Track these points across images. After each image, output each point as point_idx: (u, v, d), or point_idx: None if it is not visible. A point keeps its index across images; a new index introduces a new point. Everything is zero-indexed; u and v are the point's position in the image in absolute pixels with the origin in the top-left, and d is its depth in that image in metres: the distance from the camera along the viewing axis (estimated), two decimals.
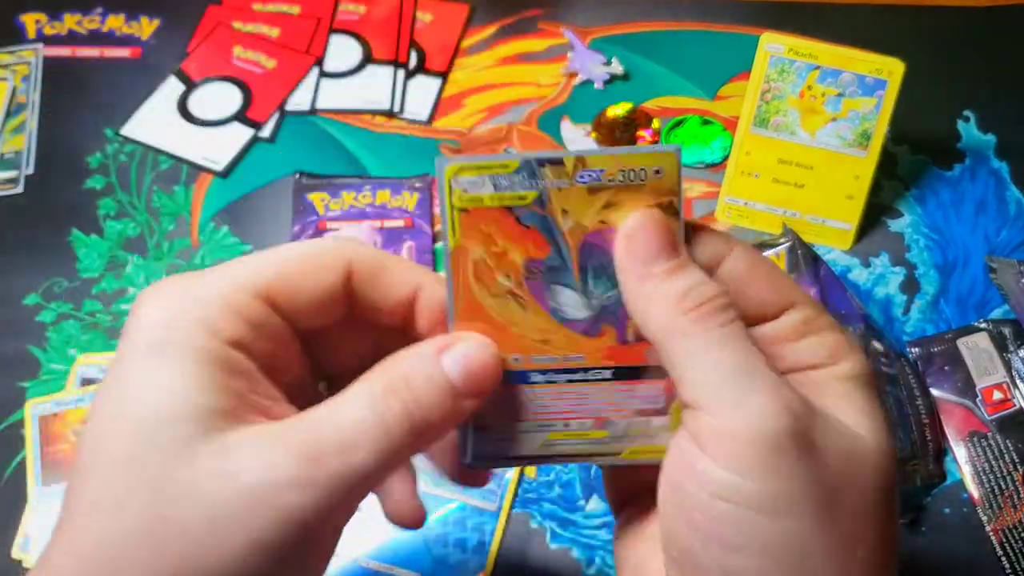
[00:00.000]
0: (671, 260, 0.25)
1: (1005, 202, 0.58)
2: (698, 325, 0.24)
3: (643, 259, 0.25)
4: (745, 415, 0.23)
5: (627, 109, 0.62)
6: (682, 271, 0.25)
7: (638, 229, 0.25)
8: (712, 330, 0.24)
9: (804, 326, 0.26)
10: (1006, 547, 0.46)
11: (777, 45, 0.53)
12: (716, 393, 0.23)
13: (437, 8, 0.67)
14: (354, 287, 0.28)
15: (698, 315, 0.24)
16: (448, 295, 0.27)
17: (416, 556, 0.44)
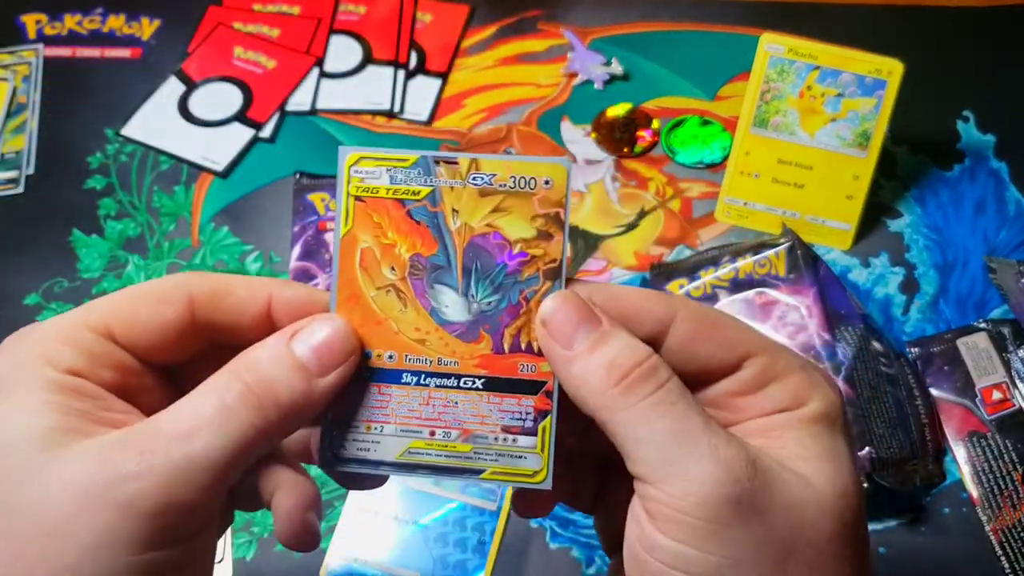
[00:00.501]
0: (592, 334, 0.25)
1: (1004, 202, 0.58)
2: (628, 397, 0.24)
3: (563, 341, 0.25)
4: (685, 484, 0.23)
5: (627, 109, 0.62)
6: (604, 343, 0.25)
7: (552, 313, 0.25)
8: (642, 400, 0.24)
9: (763, 375, 0.26)
10: (1005, 547, 0.46)
11: (777, 45, 0.53)
12: (656, 465, 0.23)
13: (437, 8, 0.68)
14: (201, 316, 0.28)
15: (626, 386, 0.24)
16: (332, 282, 0.27)
17: (416, 556, 0.44)
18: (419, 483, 0.45)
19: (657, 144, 0.61)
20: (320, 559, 0.45)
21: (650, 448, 0.24)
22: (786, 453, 0.25)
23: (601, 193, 0.58)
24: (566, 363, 0.25)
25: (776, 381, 0.26)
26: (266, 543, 0.46)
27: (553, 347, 0.26)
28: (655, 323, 0.26)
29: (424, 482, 0.45)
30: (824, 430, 0.26)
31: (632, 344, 0.25)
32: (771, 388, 0.26)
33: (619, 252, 0.56)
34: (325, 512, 0.47)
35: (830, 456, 0.25)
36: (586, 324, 0.25)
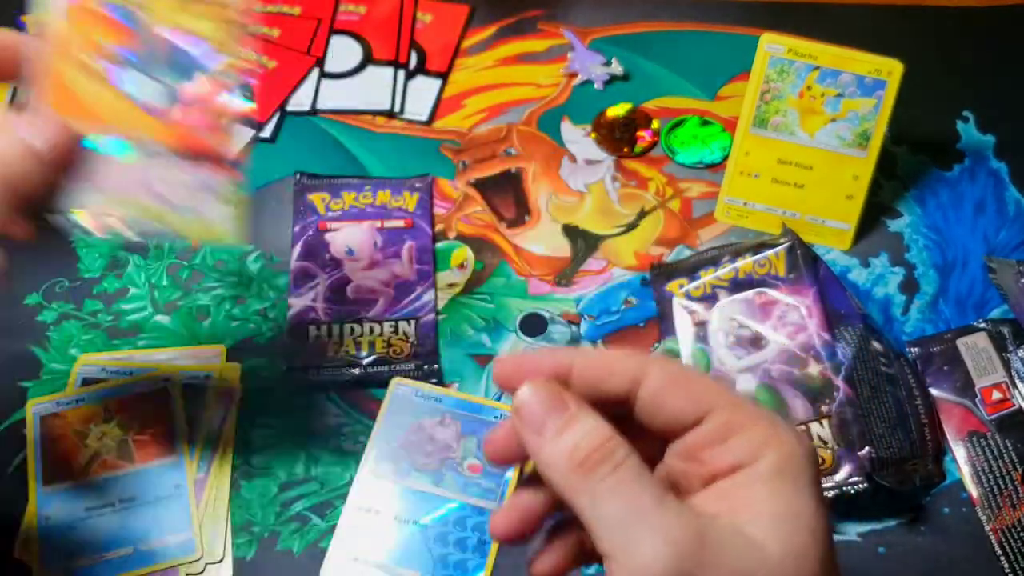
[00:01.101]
0: (559, 420, 0.27)
1: (1004, 202, 0.58)
2: (588, 480, 0.26)
3: (534, 429, 0.27)
4: (638, 562, 0.25)
5: (627, 109, 0.62)
6: (569, 428, 0.27)
7: (525, 402, 0.28)
8: (600, 482, 0.26)
9: (725, 427, 0.27)
10: (1005, 546, 0.46)
11: (776, 45, 0.53)
12: (613, 543, 0.25)
13: (437, 9, 0.68)
14: None
15: (587, 469, 0.26)
16: (42, 70, 0.34)
17: (417, 556, 0.44)
18: (420, 483, 0.45)
19: (657, 144, 0.61)
20: (320, 559, 0.45)
21: (607, 527, 0.26)
22: (742, 515, 0.26)
23: (601, 193, 0.59)
24: (537, 449, 0.27)
25: (736, 434, 0.27)
26: (266, 543, 0.46)
27: (526, 434, 0.28)
28: (627, 381, 0.28)
29: (425, 482, 0.45)
30: (783, 486, 0.27)
31: (593, 428, 0.27)
32: (732, 441, 0.27)
33: (619, 252, 0.56)
34: (326, 512, 0.47)
35: (786, 514, 0.26)
36: (554, 411, 0.27)
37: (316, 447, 0.49)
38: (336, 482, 0.47)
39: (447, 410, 0.47)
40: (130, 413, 0.48)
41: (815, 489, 0.27)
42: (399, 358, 0.50)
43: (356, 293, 0.53)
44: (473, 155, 0.60)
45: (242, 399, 0.50)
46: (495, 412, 0.47)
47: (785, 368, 0.48)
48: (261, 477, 0.48)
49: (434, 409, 0.47)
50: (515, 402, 0.28)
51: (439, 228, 0.57)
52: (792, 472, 0.27)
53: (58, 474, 0.46)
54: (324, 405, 0.50)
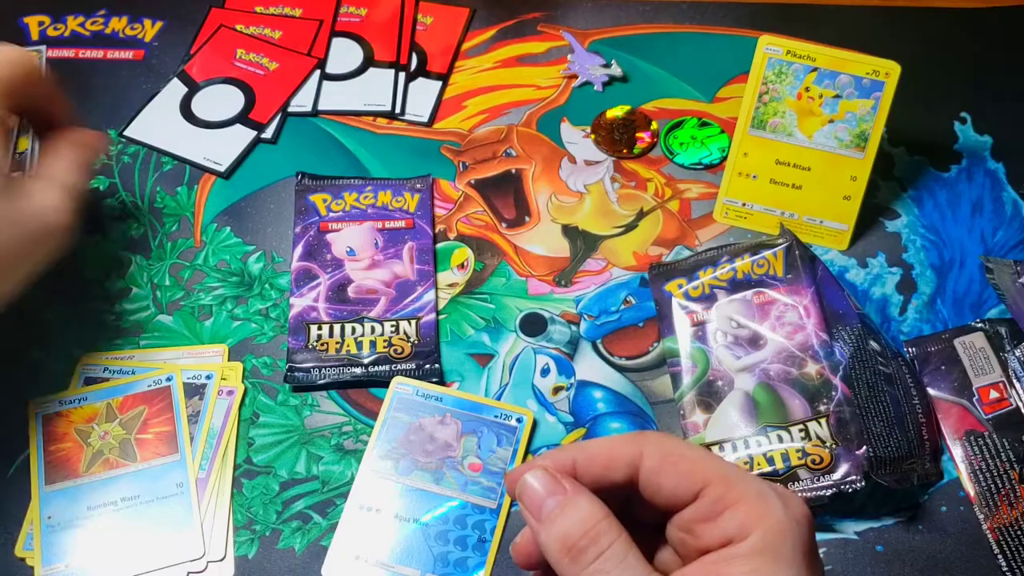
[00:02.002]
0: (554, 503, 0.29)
1: (1001, 203, 0.58)
2: (576, 565, 0.28)
3: (534, 514, 0.30)
4: None
5: (626, 111, 0.62)
6: (561, 514, 0.29)
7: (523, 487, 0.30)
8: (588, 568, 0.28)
9: (718, 503, 0.29)
10: (1002, 544, 0.46)
11: (775, 47, 0.53)
12: None
13: (438, 11, 0.68)
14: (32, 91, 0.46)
15: (574, 555, 0.28)
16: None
17: (417, 554, 0.44)
18: (420, 482, 0.45)
19: (656, 145, 0.61)
20: (321, 557, 0.45)
21: None
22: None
23: (600, 194, 0.59)
24: (538, 533, 0.30)
25: (728, 510, 0.29)
26: (267, 541, 0.46)
27: (528, 519, 0.30)
28: (626, 467, 0.30)
29: (425, 481, 0.45)
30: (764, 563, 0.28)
31: (586, 512, 0.29)
32: (724, 516, 0.29)
33: (618, 252, 0.56)
34: (327, 511, 0.47)
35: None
36: (552, 495, 0.29)
37: (317, 446, 0.49)
38: (337, 481, 0.48)
39: (448, 409, 0.47)
40: (132, 412, 0.48)
41: (803, 559, 0.28)
42: (400, 358, 0.50)
43: (357, 293, 0.53)
44: (473, 156, 0.60)
45: (244, 398, 0.50)
46: (495, 411, 0.47)
47: (783, 368, 0.48)
48: (262, 476, 0.48)
49: (435, 408, 0.47)
50: (518, 489, 0.30)
51: (439, 228, 0.57)
52: (775, 548, 0.28)
53: (60, 473, 0.47)
54: (325, 404, 0.50)
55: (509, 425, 0.46)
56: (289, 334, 0.52)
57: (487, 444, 0.45)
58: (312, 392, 0.51)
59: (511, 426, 0.45)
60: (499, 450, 0.44)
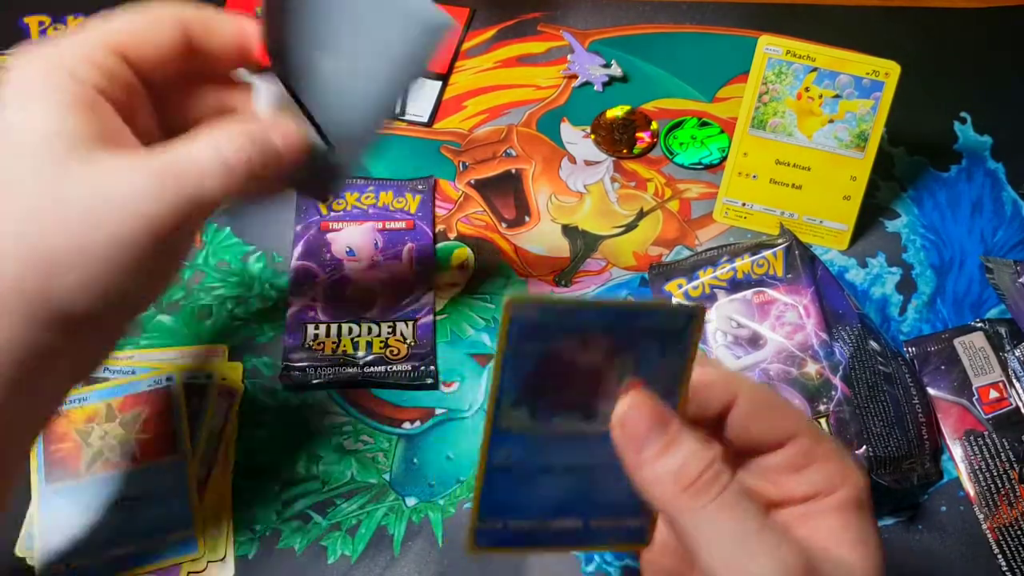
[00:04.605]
0: (661, 439, 0.27)
1: (1001, 203, 0.58)
2: (696, 501, 0.27)
3: (636, 447, 0.28)
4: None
5: (626, 111, 0.62)
6: (673, 448, 0.27)
7: (626, 417, 0.28)
8: (708, 504, 0.26)
9: (804, 458, 0.29)
10: (1002, 544, 0.46)
11: (774, 47, 0.53)
12: (721, 563, 0.26)
13: None
14: (191, 39, 0.34)
15: (694, 491, 0.27)
16: None
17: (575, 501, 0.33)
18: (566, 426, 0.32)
19: (656, 145, 0.61)
20: (321, 558, 0.45)
21: (715, 547, 0.26)
22: (826, 542, 0.28)
23: (600, 194, 0.59)
24: (637, 468, 0.28)
25: (815, 464, 0.29)
26: (267, 541, 0.46)
27: (626, 451, 0.28)
28: (720, 405, 0.29)
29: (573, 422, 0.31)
30: (854, 516, 0.29)
31: (697, 449, 0.27)
32: (810, 470, 0.29)
33: (618, 252, 0.56)
34: (327, 511, 0.47)
35: (862, 540, 0.28)
36: (657, 430, 0.27)
37: (317, 446, 0.49)
38: (337, 481, 0.48)
39: (590, 326, 0.30)
40: (132, 412, 0.49)
41: (873, 517, 0.30)
42: (396, 359, 0.50)
43: (355, 293, 0.53)
44: (473, 156, 0.61)
45: (243, 398, 0.50)
46: (658, 316, 0.30)
47: (783, 367, 0.48)
48: (262, 476, 0.48)
49: (572, 329, 0.30)
50: (616, 416, 0.28)
51: (439, 228, 0.57)
52: (860, 505, 0.29)
53: (60, 473, 0.47)
54: (325, 404, 0.50)
55: (674, 329, 0.29)
56: (286, 332, 0.52)
57: (647, 358, 0.30)
58: (311, 392, 0.51)
59: (678, 330, 0.29)
60: (662, 361, 0.30)
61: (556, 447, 0.30)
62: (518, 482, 0.31)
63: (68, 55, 0.31)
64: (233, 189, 0.32)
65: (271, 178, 0.35)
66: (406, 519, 0.47)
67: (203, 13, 0.35)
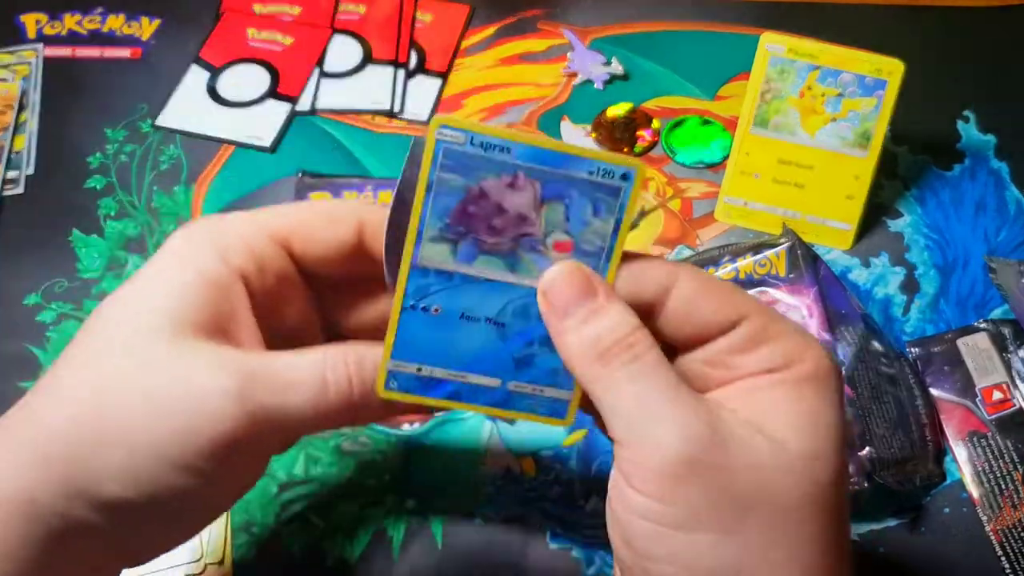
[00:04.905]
0: (586, 308, 0.27)
1: (1005, 202, 0.58)
2: (607, 367, 0.26)
3: (559, 313, 0.27)
4: (649, 447, 0.25)
5: (627, 109, 0.62)
6: (595, 317, 0.27)
7: (551, 283, 0.28)
8: (619, 370, 0.26)
9: (758, 335, 0.27)
10: (1006, 547, 0.46)
11: (777, 45, 0.53)
12: (627, 429, 0.26)
13: (437, 8, 0.68)
14: (367, 245, 0.31)
15: (607, 358, 0.26)
16: None
17: (493, 359, 0.32)
18: (489, 270, 0.31)
19: (657, 144, 0.61)
20: (321, 559, 0.45)
21: (621, 415, 0.26)
22: (762, 415, 0.26)
23: None
24: (558, 334, 0.27)
25: (769, 342, 0.27)
26: (266, 543, 0.46)
27: (548, 316, 0.28)
28: (657, 287, 0.28)
29: (496, 268, 0.31)
30: (809, 392, 0.27)
31: (619, 319, 0.27)
32: (764, 348, 0.27)
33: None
34: (326, 513, 0.47)
35: (808, 419, 0.26)
36: (582, 298, 0.27)
37: (315, 447, 0.49)
38: (336, 482, 0.47)
39: (521, 165, 0.30)
40: None
41: (839, 402, 0.27)
42: None
43: None
44: None
45: None
46: (590, 165, 0.29)
47: None
48: (261, 478, 0.48)
49: (501, 164, 0.30)
50: (542, 282, 0.28)
51: None
52: (819, 382, 0.27)
53: None
54: None
55: (610, 185, 0.29)
56: None
57: (578, 214, 0.29)
58: None
59: (613, 186, 0.29)
60: (595, 221, 0.29)
61: (477, 293, 0.30)
62: (435, 326, 0.31)
63: (227, 234, 0.29)
64: (323, 412, 0.28)
65: (372, 413, 0.30)
66: (405, 521, 0.46)
67: (381, 219, 0.30)
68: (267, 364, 0.28)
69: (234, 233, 0.29)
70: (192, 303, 0.28)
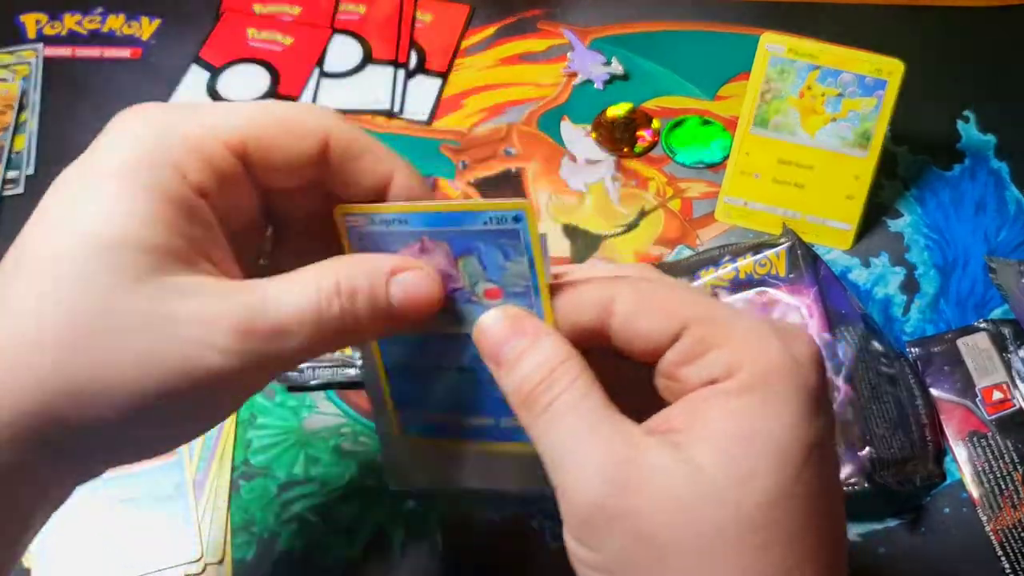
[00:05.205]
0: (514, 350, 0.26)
1: (1005, 202, 0.58)
2: (531, 412, 0.26)
3: (491, 358, 0.27)
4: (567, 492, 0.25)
5: (627, 109, 0.62)
6: (519, 361, 0.26)
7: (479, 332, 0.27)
8: (541, 415, 0.25)
9: (701, 343, 0.25)
10: (1006, 547, 0.46)
11: (777, 45, 0.53)
12: (553, 474, 0.25)
13: (437, 8, 0.68)
14: (329, 159, 0.28)
15: (529, 403, 0.26)
16: None
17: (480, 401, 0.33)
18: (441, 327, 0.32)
19: (657, 144, 0.61)
20: (321, 558, 0.45)
21: (547, 459, 0.26)
22: (696, 433, 0.24)
23: (601, 193, 0.58)
24: (498, 380, 0.27)
25: (712, 351, 0.25)
26: (265, 543, 0.46)
27: (488, 363, 0.27)
28: (597, 309, 0.27)
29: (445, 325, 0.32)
30: (748, 402, 0.24)
31: (541, 360, 0.26)
32: (708, 357, 0.25)
33: (619, 252, 0.56)
34: (326, 513, 0.47)
35: (739, 435, 0.24)
36: (511, 340, 0.27)
37: (316, 448, 0.49)
38: (336, 482, 0.47)
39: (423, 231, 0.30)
40: None
41: (805, 402, 0.24)
42: None
43: None
44: (473, 155, 0.60)
45: None
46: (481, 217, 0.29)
47: None
48: (261, 477, 0.48)
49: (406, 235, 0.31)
50: (474, 332, 0.28)
51: None
52: (767, 387, 0.24)
53: None
54: (323, 405, 0.50)
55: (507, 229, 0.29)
56: None
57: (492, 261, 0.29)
58: (310, 393, 0.50)
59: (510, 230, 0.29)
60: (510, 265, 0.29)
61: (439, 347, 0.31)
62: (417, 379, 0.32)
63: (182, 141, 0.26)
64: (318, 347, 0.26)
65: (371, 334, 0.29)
66: (405, 521, 0.46)
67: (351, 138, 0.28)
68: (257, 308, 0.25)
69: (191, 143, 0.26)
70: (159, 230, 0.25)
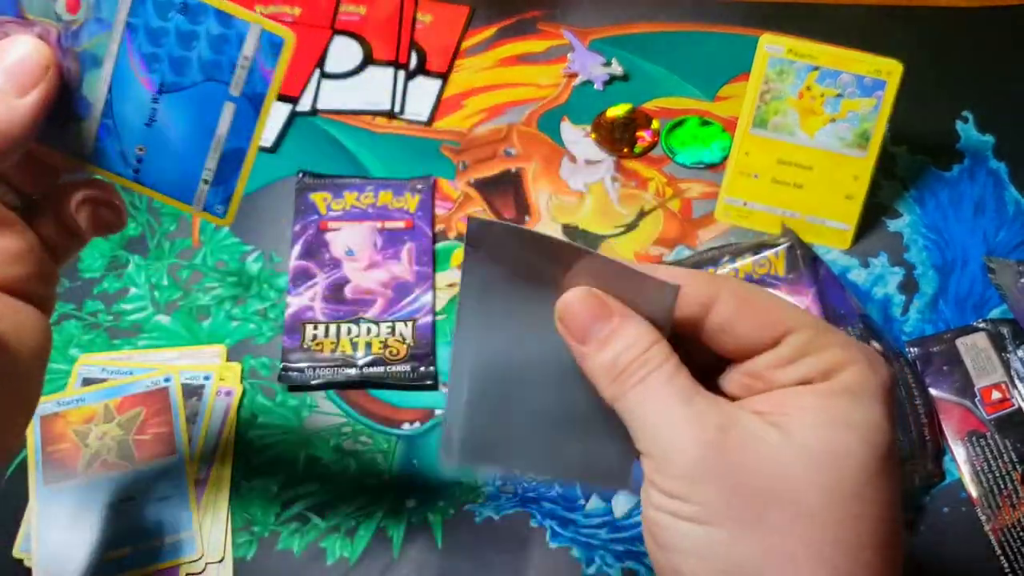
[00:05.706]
0: (602, 332, 0.28)
1: (1003, 202, 0.58)
2: (624, 386, 0.27)
3: (578, 337, 0.28)
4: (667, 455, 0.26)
5: (627, 110, 0.62)
6: (611, 341, 0.27)
7: (567, 310, 0.28)
8: (635, 388, 0.27)
9: (800, 349, 0.27)
10: (1004, 546, 0.46)
11: (776, 46, 0.53)
12: (646, 441, 0.27)
13: (437, 9, 0.68)
14: None
15: (623, 378, 0.27)
16: None
17: None
18: None
19: (657, 144, 0.61)
20: (321, 559, 0.45)
21: (640, 428, 0.27)
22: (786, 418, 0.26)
23: (601, 193, 0.59)
24: (581, 359, 0.28)
25: (811, 355, 0.27)
26: (266, 543, 0.46)
27: (570, 342, 0.28)
28: (698, 306, 0.28)
29: None
30: (842, 402, 0.26)
31: (633, 340, 0.27)
32: (804, 361, 0.27)
33: (619, 252, 0.56)
34: (325, 512, 0.47)
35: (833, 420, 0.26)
36: (598, 321, 0.28)
37: (316, 447, 0.49)
38: (336, 482, 0.47)
39: None
40: (130, 413, 0.48)
41: (881, 408, 0.27)
42: (395, 359, 0.50)
43: (354, 293, 0.53)
44: (473, 155, 0.60)
45: (242, 399, 0.50)
46: None
47: None
48: (261, 477, 0.48)
49: None
50: (559, 310, 0.28)
51: (439, 228, 0.57)
52: (858, 394, 0.27)
53: (58, 474, 0.46)
54: (324, 405, 0.50)
55: None
56: (284, 333, 0.51)
57: None
58: (310, 393, 0.51)
59: None
60: None
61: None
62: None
63: None
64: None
65: None
66: (405, 521, 0.47)
67: None
68: None
69: None
70: None
